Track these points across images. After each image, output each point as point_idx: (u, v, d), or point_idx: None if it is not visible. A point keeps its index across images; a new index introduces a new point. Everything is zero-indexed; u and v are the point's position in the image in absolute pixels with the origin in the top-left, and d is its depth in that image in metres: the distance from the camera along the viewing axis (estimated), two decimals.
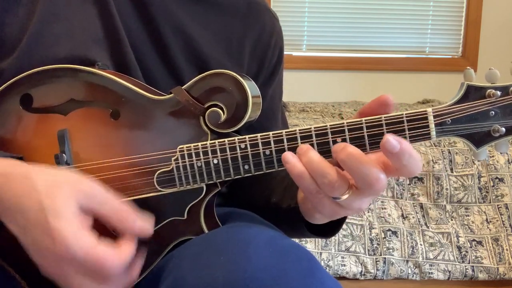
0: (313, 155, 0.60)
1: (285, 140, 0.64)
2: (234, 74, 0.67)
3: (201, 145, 0.67)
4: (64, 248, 0.56)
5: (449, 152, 2.06)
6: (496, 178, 2.06)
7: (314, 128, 0.63)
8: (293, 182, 0.62)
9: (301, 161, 0.60)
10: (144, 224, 0.63)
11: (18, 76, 0.70)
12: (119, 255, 0.59)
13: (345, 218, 0.71)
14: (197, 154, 0.67)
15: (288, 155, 0.61)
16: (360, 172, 0.57)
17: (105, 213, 0.61)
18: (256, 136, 0.65)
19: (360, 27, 3.17)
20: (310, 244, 1.89)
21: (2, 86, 0.71)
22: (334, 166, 0.60)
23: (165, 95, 0.70)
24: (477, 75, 0.62)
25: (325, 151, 0.63)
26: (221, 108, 0.68)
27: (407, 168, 0.58)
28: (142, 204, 0.68)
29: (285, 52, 0.94)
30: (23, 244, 0.59)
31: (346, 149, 0.58)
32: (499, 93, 0.61)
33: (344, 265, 1.89)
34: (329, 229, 0.74)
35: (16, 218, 0.58)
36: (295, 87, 3.00)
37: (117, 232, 0.63)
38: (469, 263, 1.95)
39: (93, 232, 0.59)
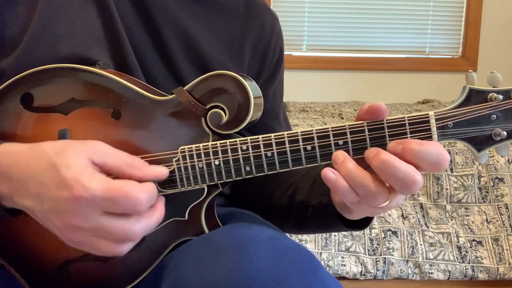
0: (351, 166, 0.60)
1: (286, 142, 0.64)
2: (236, 75, 0.67)
3: (203, 146, 0.67)
4: (82, 190, 0.55)
5: (449, 152, 2.06)
6: (496, 178, 2.06)
7: (316, 130, 0.63)
8: (321, 179, 0.62)
9: (340, 171, 0.60)
10: (158, 168, 0.63)
11: (19, 75, 0.70)
12: (142, 186, 0.57)
13: None
14: (199, 155, 0.67)
15: (328, 173, 0.61)
16: (396, 178, 0.58)
17: (117, 165, 0.59)
18: (258, 138, 0.65)
19: (360, 27, 3.17)
20: (310, 244, 1.89)
21: (3, 85, 0.71)
22: (372, 175, 0.60)
23: (166, 96, 0.70)
24: (477, 75, 0.62)
25: (326, 153, 0.63)
26: (223, 109, 0.68)
27: (431, 166, 0.58)
28: None
29: (285, 52, 0.94)
30: (40, 216, 0.58)
31: (379, 156, 0.58)
32: (501, 97, 0.61)
33: (344, 265, 1.89)
34: (362, 221, 0.74)
35: (30, 188, 0.57)
36: (295, 87, 3.00)
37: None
38: (469, 263, 1.95)
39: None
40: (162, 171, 0.63)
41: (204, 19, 0.83)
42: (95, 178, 0.56)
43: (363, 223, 0.74)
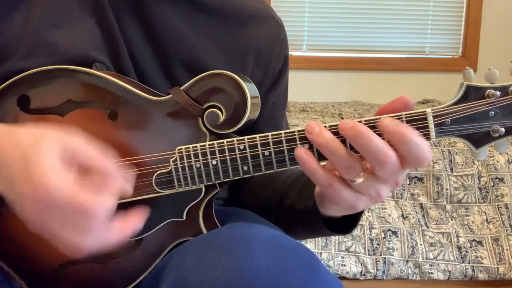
0: (327, 134, 0.61)
1: (284, 141, 0.64)
2: (233, 74, 0.67)
3: (200, 146, 0.66)
4: (45, 192, 0.54)
5: (449, 152, 2.06)
6: (496, 178, 2.06)
7: None
8: (308, 183, 0.62)
9: (315, 141, 0.61)
10: (124, 183, 0.60)
11: (15, 77, 0.70)
12: (101, 201, 0.56)
13: (361, 213, 0.72)
14: (196, 155, 0.67)
15: (300, 152, 0.62)
16: (370, 149, 0.58)
17: (87, 166, 0.58)
18: (255, 137, 0.65)
19: (360, 27, 3.17)
20: (310, 244, 1.89)
21: None
22: (347, 148, 0.61)
23: (163, 96, 0.70)
24: (477, 75, 0.62)
25: None
26: (220, 109, 0.68)
27: (410, 154, 0.59)
28: (141, 206, 0.68)
29: None
30: (10, 202, 0.58)
31: (355, 127, 0.59)
32: (498, 93, 0.60)
33: (344, 265, 1.89)
34: (347, 226, 0.74)
35: (3, 174, 0.57)
36: (295, 87, 2.98)
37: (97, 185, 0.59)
38: (469, 263, 1.95)
39: (76, 181, 0.56)
40: (127, 190, 0.61)
41: (205, 28, 0.81)
42: (60, 183, 0.54)
43: (349, 226, 0.74)
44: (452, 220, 2.02)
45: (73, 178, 0.56)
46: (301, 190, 0.77)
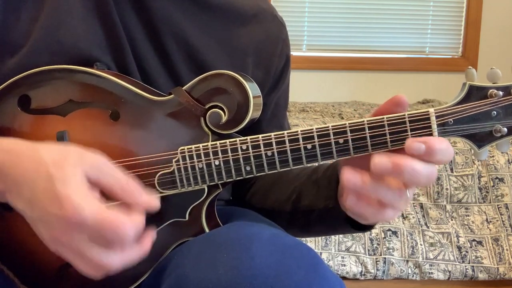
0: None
1: (287, 141, 0.64)
2: (235, 74, 0.67)
3: (202, 146, 0.66)
4: (73, 212, 0.54)
5: None
6: (496, 178, 2.06)
7: (316, 129, 0.63)
8: (325, 183, 0.62)
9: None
10: (150, 198, 0.61)
11: (16, 77, 0.69)
12: (130, 220, 0.56)
13: None
14: (198, 156, 0.66)
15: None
16: (420, 181, 0.59)
17: (111, 185, 0.58)
18: (258, 138, 0.65)
19: (360, 27, 3.17)
20: (310, 244, 1.89)
21: (0, 87, 0.70)
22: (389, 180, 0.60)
23: (165, 96, 0.70)
24: (477, 75, 0.62)
25: (327, 152, 0.63)
26: (222, 109, 0.68)
27: (440, 162, 0.60)
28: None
29: None
30: (30, 221, 0.58)
31: (404, 165, 0.58)
32: (501, 93, 0.60)
33: (344, 265, 1.89)
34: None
35: (23, 192, 0.57)
36: (295, 87, 2.98)
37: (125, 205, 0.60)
38: (469, 263, 1.95)
39: (101, 201, 0.57)
40: (154, 203, 0.61)
41: (208, 27, 0.81)
42: (88, 202, 0.55)
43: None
44: (452, 220, 2.02)
45: (98, 197, 0.57)
46: (319, 190, 0.77)
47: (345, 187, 0.61)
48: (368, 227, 0.74)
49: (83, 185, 0.56)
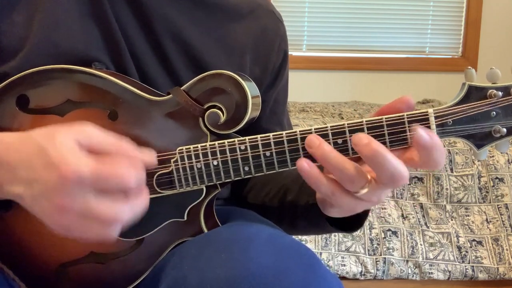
0: (328, 149, 0.60)
1: (285, 142, 0.64)
2: (233, 74, 0.67)
3: (201, 146, 0.66)
4: (70, 171, 0.53)
5: (449, 152, 2.06)
6: (496, 178, 2.06)
7: (315, 129, 0.63)
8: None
9: (316, 155, 0.60)
10: (146, 153, 0.61)
11: (14, 77, 0.69)
12: (130, 165, 0.56)
13: (369, 210, 0.71)
14: (197, 156, 0.66)
15: (302, 163, 0.60)
16: (386, 169, 0.57)
17: (103, 146, 0.58)
18: (256, 138, 0.65)
19: (360, 27, 3.17)
20: (310, 244, 1.89)
21: None
22: (348, 159, 0.59)
23: (163, 96, 0.70)
24: (477, 75, 0.62)
25: None
26: (221, 109, 0.67)
27: (436, 161, 0.58)
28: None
29: None
30: (30, 203, 0.57)
31: (371, 145, 0.57)
32: (500, 93, 0.60)
33: (344, 265, 1.88)
34: (353, 222, 0.74)
35: (19, 173, 0.56)
36: (295, 87, 2.98)
37: None
38: (469, 263, 1.95)
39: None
40: (152, 159, 0.61)
41: (205, 25, 0.81)
42: (83, 159, 0.54)
43: (355, 224, 0.73)
44: (452, 220, 2.02)
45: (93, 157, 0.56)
46: (302, 186, 0.77)
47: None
48: (352, 228, 0.74)
49: (76, 148, 0.55)
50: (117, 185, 0.55)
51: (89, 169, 0.54)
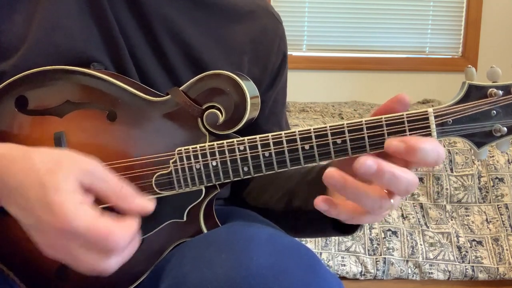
0: (350, 179, 0.57)
1: (284, 142, 0.64)
2: (232, 74, 0.67)
3: (200, 147, 0.66)
4: (65, 221, 0.54)
5: (449, 152, 2.06)
6: (496, 178, 2.06)
7: (314, 129, 0.62)
8: (316, 184, 0.61)
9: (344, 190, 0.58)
10: (144, 202, 0.61)
11: (13, 78, 0.69)
12: (124, 228, 0.56)
13: None
14: (196, 156, 0.66)
15: (333, 174, 0.57)
16: (400, 187, 0.56)
17: (104, 190, 0.58)
18: (255, 138, 0.64)
19: (360, 27, 3.17)
20: (310, 244, 1.89)
21: None
22: (371, 186, 0.57)
23: (162, 96, 0.70)
24: (477, 75, 0.61)
25: (325, 152, 0.63)
26: (219, 110, 0.67)
27: (424, 161, 0.57)
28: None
29: None
30: (24, 227, 0.58)
31: (382, 169, 0.55)
32: (501, 92, 0.60)
33: (344, 265, 1.88)
34: (350, 226, 0.73)
35: (17, 199, 0.56)
36: (295, 87, 2.99)
37: (119, 210, 0.60)
38: (469, 263, 1.95)
39: (95, 208, 0.57)
40: (148, 206, 0.61)
41: (204, 25, 0.81)
42: (80, 211, 0.55)
43: (354, 227, 0.73)
44: (452, 220, 2.02)
45: (92, 203, 0.57)
46: (310, 192, 0.76)
47: (326, 184, 0.58)
48: (351, 230, 0.73)
49: (76, 192, 0.56)
50: (105, 246, 0.55)
51: (83, 224, 0.54)
